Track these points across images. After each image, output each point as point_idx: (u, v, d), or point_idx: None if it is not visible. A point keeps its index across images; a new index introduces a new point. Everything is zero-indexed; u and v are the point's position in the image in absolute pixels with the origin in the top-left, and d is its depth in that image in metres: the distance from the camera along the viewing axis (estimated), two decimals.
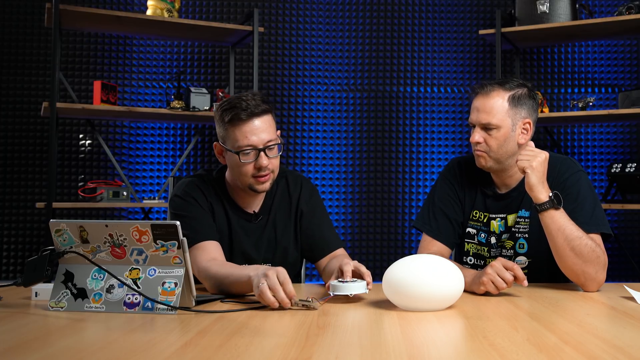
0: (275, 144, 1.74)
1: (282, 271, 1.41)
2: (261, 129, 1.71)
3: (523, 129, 1.82)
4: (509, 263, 1.55)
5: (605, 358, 0.98)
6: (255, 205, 1.87)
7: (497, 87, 1.81)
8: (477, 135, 1.80)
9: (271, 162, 1.73)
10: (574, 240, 1.62)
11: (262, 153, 1.71)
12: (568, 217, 1.65)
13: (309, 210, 1.91)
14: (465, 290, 1.55)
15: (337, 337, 1.12)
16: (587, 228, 1.69)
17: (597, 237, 1.71)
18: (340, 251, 1.91)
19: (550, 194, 1.64)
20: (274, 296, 1.37)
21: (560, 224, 1.63)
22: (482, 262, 1.91)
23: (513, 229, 1.86)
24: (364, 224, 3.80)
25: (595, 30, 3.43)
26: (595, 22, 3.31)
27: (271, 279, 1.38)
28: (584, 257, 1.62)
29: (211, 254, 1.70)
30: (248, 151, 1.70)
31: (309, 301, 1.38)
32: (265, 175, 1.73)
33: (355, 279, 1.49)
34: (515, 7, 3.53)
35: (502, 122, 1.78)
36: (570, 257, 1.63)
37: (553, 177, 1.81)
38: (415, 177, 3.83)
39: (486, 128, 1.80)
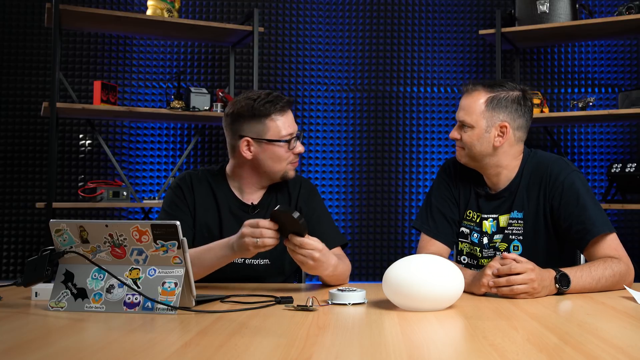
0: (300, 132, 1.92)
1: (248, 226, 1.59)
2: (293, 119, 1.90)
3: (500, 132, 1.81)
4: (505, 268, 1.53)
5: (605, 358, 0.97)
6: (255, 198, 1.93)
7: (480, 88, 1.83)
8: (455, 132, 1.87)
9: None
10: (598, 284, 1.62)
11: (298, 140, 1.89)
12: (581, 275, 1.60)
13: (308, 208, 1.94)
14: (465, 291, 1.55)
15: (337, 337, 1.12)
16: (599, 229, 1.71)
17: (613, 238, 1.73)
18: (337, 250, 1.90)
19: (556, 284, 1.56)
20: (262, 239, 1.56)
21: (581, 287, 1.60)
22: (475, 262, 1.92)
23: (506, 231, 1.85)
24: (364, 224, 3.80)
25: (595, 30, 3.43)
26: (595, 22, 3.31)
27: (256, 233, 1.57)
28: (613, 285, 1.64)
29: None
30: (291, 139, 1.86)
31: (307, 306, 1.38)
32: (297, 160, 1.90)
33: (354, 288, 1.50)
34: (515, 7, 3.53)
35: (476, 122, 1.81)
36: (604, 290, 1.64)
37: (546, 179, 1.81)
38: (415, 177, 3.83)
39: (462, 126, 1.84)
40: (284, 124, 1.84)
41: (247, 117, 1.84)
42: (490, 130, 1.81)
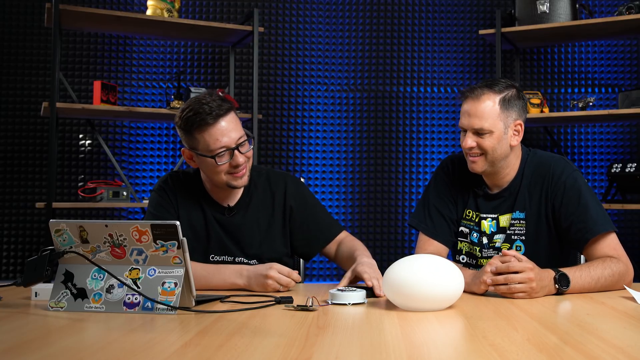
0: (246, 140, 1.77)
1: (274, 268, 1.63)
2: (230, 129, 1.74)
3: (515, 130, 1.81)
4: (503, 266, 1.53)
5: (605, 358, 0.97)
6: (231, 200, 1.89)
7: (487, 90, 1.78)
8: (470, 140, 1.78)
9: (245, 157, 1.77)
10: (598, 283, 1.62)
11: (236, 152, 1.74)
12: (580, 275, 1.60)
13: (299, 204, 1.92)
14: (464, 291, 1.55)
15: (337, 337, 1.12)
16: (600, 229, 1.71)
17: (612, 237, 1.73)
18: (344, 234, 1.94)
19: (556, 284, 1.56)
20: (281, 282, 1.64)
21: (580, 287, 1.60)
22: (474, 262, 1.91)
23: (508, 231, 1.85)
24: (363, 224, 3.80)
25: (595, 30, 3.43)
26: (595, 22, 3.31)
27: (282, 280, 1.64)
28: (613, 285, 1.64)
29: None
30: (222, 153, 1.73)
31: (307, 306, 1.38)
32: (242, 170, 1.78)
33: (354, 288, 1.50)
34: (515, 7, 3.53)
35: (494, 126, 1.77)
36: (604, 290, 1.64)
37: (548, 179, 1.81)
38: (415, 177, 3.83)
39: (478, 133, 1.78)
40: (211, 137, 1.71)
41: (181, 129, 1.78)
42: (507, 131, 1.79)
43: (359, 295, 1.46)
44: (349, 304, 1.44)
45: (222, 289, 1.69)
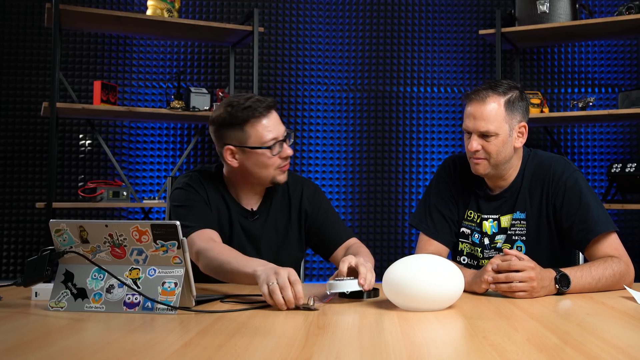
0: (288, 133, 1.81)
1: (293, 272, 1.41)
2: (278, 121, 1.79)
3: (519, 132, 1.81)
4: (505, 264, 1.53)
5: (605, 358, 0.97)
6: (254, 203, 1.88)
7: (492, 93, 1.77)
8: (475, 143, 1.77)
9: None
10: (598, 283, 1.61)
11: (284, 143, 1.78)
12: (581, 275, 1.59)
13: (313, 209, 1.93)
14: (465, 290, 1.55)
15: (337, 337, 1.12)
16: (601, 228, 1.71)
17: (614, 237, 1.73)
18: (353, 240, 1.93)
19: (556, 285, 1.55)
20: (282, 296, 1.37)
21: (581, 287, 1.60)
22: (476, 263, 1.91)
23: (509, 232, 1.85)
24: (364, 224, 3.80)
25: (595, 30, 3.43)
26: (595, 22, 3.31)
27: (282, 278, 1.38)
28: (613, 285, 1.64)
29: (211, 237, 1.72)
30: (274, 144, 1.76)
31: (309, 305, 1.38)
32: (287, 164, 1.81)
33: (352, 277, 1.49)
34: (515, 7, 3.53)
35: (500, 129, 1.76)
36: (604, 290, 1.63)
37: (548, 180, 1.80)
38: (415, 177, 3.83)
39: (484, 136, 1.77)
40: (265, 129, 1.74)
41: (227, 125, 1.76)
42: (512, 134, 1.79)
43: (356, 282, 1.46)
44: (347, 292, 1.45)
45: (229, 282, 1.65)
